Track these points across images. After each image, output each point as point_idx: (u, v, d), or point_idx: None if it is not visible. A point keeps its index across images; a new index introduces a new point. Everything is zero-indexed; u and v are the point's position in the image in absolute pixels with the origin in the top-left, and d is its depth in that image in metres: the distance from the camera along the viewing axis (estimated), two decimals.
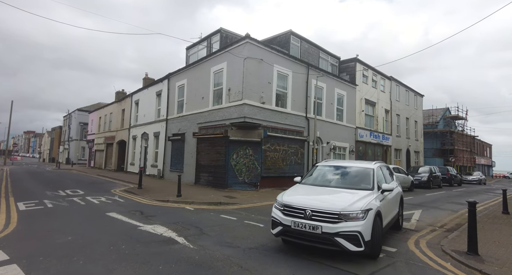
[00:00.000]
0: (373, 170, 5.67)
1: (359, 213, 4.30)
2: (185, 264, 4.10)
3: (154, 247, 4.83)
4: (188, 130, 16.12)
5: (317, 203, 4.60)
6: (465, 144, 40.12)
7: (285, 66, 14.68)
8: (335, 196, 4.96)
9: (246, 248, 4.90)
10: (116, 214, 7.38)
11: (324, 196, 5.06)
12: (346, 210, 4.31)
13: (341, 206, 4.39)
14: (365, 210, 4.34)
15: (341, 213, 4.27)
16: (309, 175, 6.11)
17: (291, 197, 4.92)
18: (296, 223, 4.44)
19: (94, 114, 34.61)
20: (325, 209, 4.37)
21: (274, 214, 4.87)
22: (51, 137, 56.82)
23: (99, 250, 4.60)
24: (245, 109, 12.53)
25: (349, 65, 21.19)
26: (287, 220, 4.55)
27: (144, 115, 21.97)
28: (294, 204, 4.63)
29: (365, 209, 4.36)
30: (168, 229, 6.00)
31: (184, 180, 13.75)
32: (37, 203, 8.69)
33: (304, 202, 4.66)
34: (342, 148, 19.14)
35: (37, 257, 4.19)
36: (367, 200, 4.60)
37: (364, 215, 4.29)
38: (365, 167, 5.88)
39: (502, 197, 9.53)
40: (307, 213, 4.41)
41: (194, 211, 8.28)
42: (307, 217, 4.39)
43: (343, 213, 4.28)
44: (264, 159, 13.36)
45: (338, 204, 4.44)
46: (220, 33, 16.37)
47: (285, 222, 4.58)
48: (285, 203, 4.73)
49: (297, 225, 4.43)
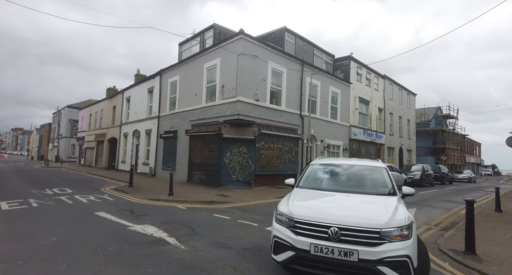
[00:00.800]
0: (385, 169, 4.80)
1: (404, 229, 3.21)
2: (176, 266, 3.91)
3: (144, 248, 4.62)
4: (181, 128, 15.83)
5: (344, 216, 3.38)
6: (456, 142, 40.73)
7: (279, 63, 14.51)
8: (360, 205, 3.82)
9: (240, 249, 4.72)
10: (105, 213, 7.12)
11: (345, 205, 3.85)
12: (389, 225, 3.19)
13: (380, 220, 3.26)
14: (409, 225, 3.27)
15: (383, 230, 3.15)
16: (306, 176, 4.95)
17: (303, 208, 3.68)
18: (318, 247, 3.20)
19: (85, 111, 33.90)
20: (360, 225, 3.20)
21: (278, 232, 3.55)
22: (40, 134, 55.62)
23: (85, 251, 4.37)
24: (239, 106, 12.33)
25: (343, 63, 21.15)
26: (302, 242, 3.28)
27: (136, 112, 21.55)
28: (311, 219, 3.39)
29: (409, 222, 3.30)
30: (158, 229, 5.78)
31: (176, 178, 13.50)
32: (21, 202, 8.33)
33: (324, 214, 3.43)
34: (336, 146, 19.12)
35: (17, 261, 3.93)
36: (402, 210, 3.56)
37: (409, 232, 3.24)
38: (374, 166, 4.94)
39: (495, 195, 9.58)
40: (333, 232, 3.21)
41: (186, 210, 8.07)
42: (334, 237, 3.19)
43: (385, 230, 3.15)
44: (258, 157, 13.19)
45: (375, 217, 3.33)
46: (214, 29, 16.09)
47: (299, 245, 3.29)
48: (297, 217, 3.46)
49: (319, 250, 3.18)
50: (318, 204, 3.94)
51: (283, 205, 3.84)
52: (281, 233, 3.50)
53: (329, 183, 4.73)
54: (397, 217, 3.35)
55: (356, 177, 4.78)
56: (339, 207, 3.79)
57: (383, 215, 3.36)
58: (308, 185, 4.68)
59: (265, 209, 8.46)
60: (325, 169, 5.09)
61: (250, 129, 12.95)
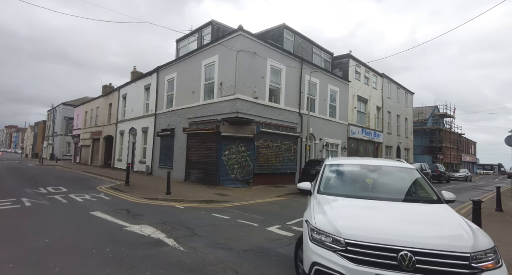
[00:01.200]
0: (416, 170, 4.15)
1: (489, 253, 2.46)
2: (175, 269, 3.74)
3: (141, 250, 4.44)
4: (178, 126, 15.60)
5: (414, 235, 2.53)
6: (452, 141, 40.95)
7: (278, 61, 14.33)
8: (419, 218, 3.02)
9: (240, 250, 4.57)
10: (100, 213, 6.92)
11: (402, 218, 3.01)
12: (478, 247, 2.42)
13: (464, 240, 2.47)
14: (495, 246, 2.56)
15: (471, 254, 2.36)
16: (326, 180, 4.11)
17: (351, 223, 2.80)
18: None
19: (80, 109, 33.45)
20: (440, 247, 2.38)
21: (319, 257, 2.64)
22: (34, 132, 54.95)
23: (79, 254, 4.18)
24: (238, 104, 12.14)
25: (342, 61, 21.02)
26: (363, 273, 2.43)
27: (132, 109, 21.25)
28: (370, 239, 2.52)
29: (493, 244, 2.57)
30: (156, 229, 5.60)
31: (173, 177, 13.31)
32: (13, 201, 8.08)
33: (385, 233, 2.56)
34: (335, 145, 19.03)
35: (6, 264, 3.73)
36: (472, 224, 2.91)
37: (498, 256, 2.51)
38: (403, 167, 4.26)
39: (496, 194, 9.52)
40: (405, 258, 2.37)
41: (184, 209, 7.89)
42: (407, 265, 2.35)
43: (474, 254, 2.37)
44: (257, 155, 13.03)
45: (455, 237, 2.54)
46: (212, 26, 15.84)
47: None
48: (350, 238, 2.59)
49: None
50: (368, 217, 3.01)
51: (320, 219, 2.93)
52: (326, 260, 2.58)
53: (360, 188, 3.92)
54: (479, 236, 2.55)
55: (389, 180, 4.03)
56: (396, 221, 2.91)
57: (463, 233, 2.53)
58: (335, 191, 3.78)
59: (264, 208, 8.32)
60: (348, 171, 4.31)
61: (248, 127, 12.77)
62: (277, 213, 7.73)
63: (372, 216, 3.07)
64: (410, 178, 4.03)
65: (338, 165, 4.44)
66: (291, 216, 7.27)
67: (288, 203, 9.51)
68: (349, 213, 3.20)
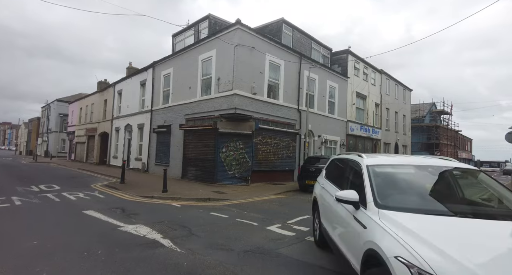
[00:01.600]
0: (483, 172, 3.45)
1: None
2: (172, 272, 3.52)
3: (136, 251, 4.21)
4: (175, 122, 15.30)
5: None
6: (449, 138, 41.02)
7: (277, 56, 14.05)
8: None
9: (240, 251, 4.35)
10: (94, 212, 6.66)
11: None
12: None
13: None
14: None
15: None
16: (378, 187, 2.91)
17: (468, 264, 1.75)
18: None
19: (75, 105, 32.93)
20: None
21: None
22: (28, 129, 54.17)
23: (69, 256, 3.93)
24: (236, 100, 11.87)
25: (341, 57, 20.76)
26: None
27: (128, 106, 20.88)
28: None
29: None
30: (152, 229, 5.36)
31: (170, 174, 13.04)
32: (3, 200, 7.77)
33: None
34: (333, 141, 18.85)
35: None
36: None
37: None
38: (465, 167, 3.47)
39: None
40: None
41: (181, 208, 7.66)
42: None
43: None
44: (255, 152, 12.79)
45: None
46: (209, 20, 15.49)
47: None
48: None
49: None
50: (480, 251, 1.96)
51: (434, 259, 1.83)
52: None
53: (430, 198, 2.92)
54: None
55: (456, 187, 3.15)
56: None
57: None
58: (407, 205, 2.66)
59: (263, 206, 8.12)
60: (400, 174, 3.31)
61: (247, 124, 12.52)
62: (276, 211, 7.52)
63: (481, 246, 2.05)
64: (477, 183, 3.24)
65: (385, 166, 3.37)
66: (291, 214, 7.07)
67: (287, 201, 9.32)
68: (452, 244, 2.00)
